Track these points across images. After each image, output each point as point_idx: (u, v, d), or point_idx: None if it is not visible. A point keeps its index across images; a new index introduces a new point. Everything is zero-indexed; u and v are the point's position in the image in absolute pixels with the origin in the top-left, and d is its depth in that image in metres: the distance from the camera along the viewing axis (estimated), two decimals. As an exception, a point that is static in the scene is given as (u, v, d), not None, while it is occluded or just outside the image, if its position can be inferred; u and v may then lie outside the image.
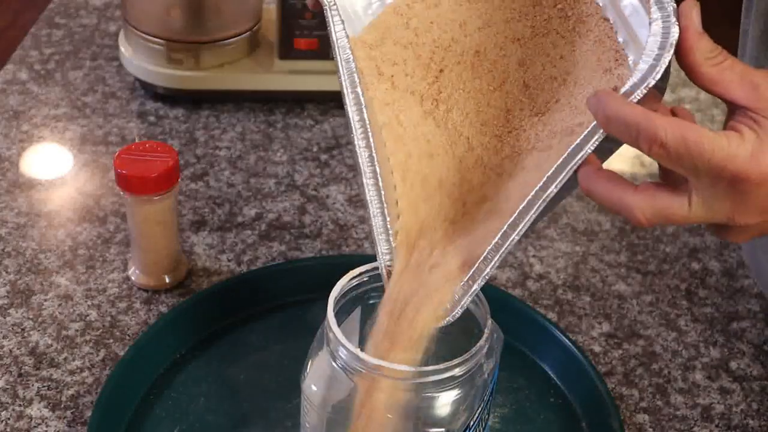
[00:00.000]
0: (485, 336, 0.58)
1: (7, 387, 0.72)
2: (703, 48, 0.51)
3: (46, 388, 0.73)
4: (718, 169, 0.50)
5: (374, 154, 0.58)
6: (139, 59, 1.02)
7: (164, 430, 0.70)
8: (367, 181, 0.58)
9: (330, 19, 0.59)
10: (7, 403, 0.71)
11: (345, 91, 0.59)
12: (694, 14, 0.52)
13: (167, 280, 0.81)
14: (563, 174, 0.53)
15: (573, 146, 0.53)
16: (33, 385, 0.73)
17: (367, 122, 0.58)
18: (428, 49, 0.62)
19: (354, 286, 0.61)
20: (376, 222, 0.58)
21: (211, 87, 1.03)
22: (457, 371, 0.56)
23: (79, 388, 0.73)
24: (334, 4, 0.60)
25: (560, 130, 0.57)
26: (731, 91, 0.52)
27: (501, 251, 0.54)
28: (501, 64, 0.61)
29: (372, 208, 0.58)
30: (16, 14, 2.64)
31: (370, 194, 0.58)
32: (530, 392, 0.74)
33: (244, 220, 0.89)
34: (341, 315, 0.60)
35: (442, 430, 0.57)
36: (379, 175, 0.58)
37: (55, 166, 0.96)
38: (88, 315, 0.79)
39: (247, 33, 1.04)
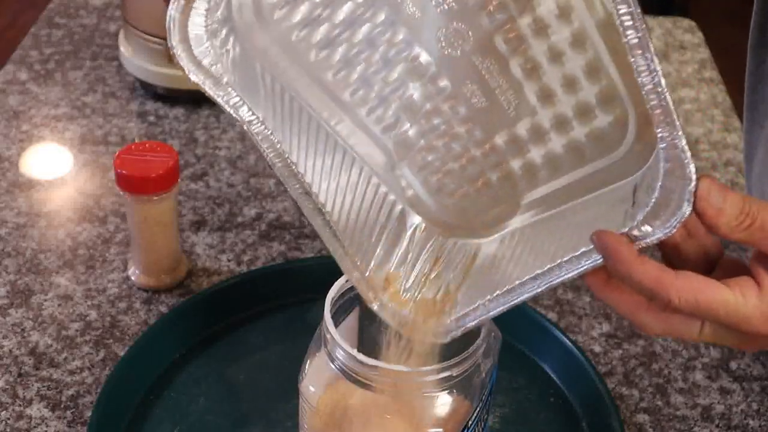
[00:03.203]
0: (482, 336, 0.58)
1: (7, 387, 0.72)
2: (727, 221, 0.49)
3: (46, 388, 0.73)
4: (731, 326, 0.50)
5: (314, 189, 0.58)
6: (139, 59, 1.02)
7: (164, 430, 0.70)
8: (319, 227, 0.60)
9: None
10: (7, 403, 0.71)
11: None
12: (711, 196, 0.48)
13: (167, 280, 0.81)
14: (565, 276, 0.53)
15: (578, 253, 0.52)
16: (33, 385, 0.73)
17: (299, 168, 0.59)
18: None
19: (352, 286, 0.61)
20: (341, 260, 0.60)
21: (212, 87, 1.03)
22: (453, 371, 0.56)
23: (79, 388, 0.73)
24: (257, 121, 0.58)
25: None
26: (763, 247, 0.50)
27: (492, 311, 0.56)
28: None
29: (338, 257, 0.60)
30: (16, 14, 2.64)
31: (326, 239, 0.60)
32: (530, 392, 0.74)
33: (244, 220, 0.89)
34: (339, 315, 0.60)
35: (440, 430, 0.57)
36: (327, 215, 0.59)
37: (55, 166, 0.96)
38: (88, 315, 0.79)
39: (247, 33, 1.04)
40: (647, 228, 0.49)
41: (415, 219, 0.62)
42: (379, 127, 0.60)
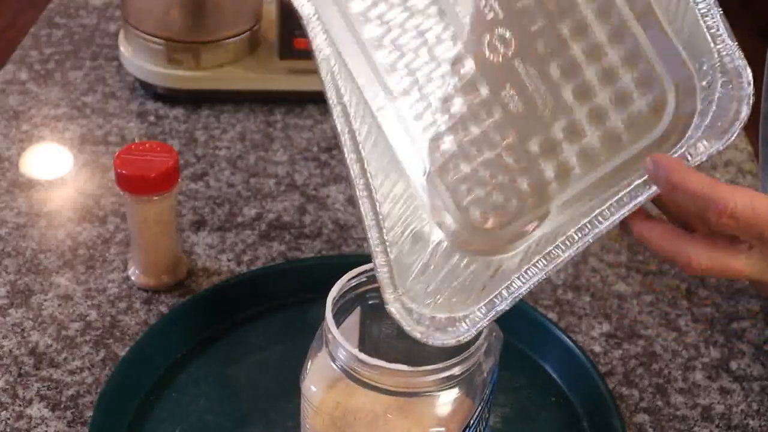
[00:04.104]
0: (483, 335, 0.58)
1: (7, 387, 0.72)
2: None
3: (46, 388, 0.73)
4: None
5: (366, 166, 0.58)
6: (139, 59, 1.02)
7: (165, 430, 0.70)
8: (360, 193, 0.58)
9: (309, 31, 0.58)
10: (7, 403, 0.71)
11: (331, 102, 0.58)
12: None
13: (167, 280, 0.81)
14: (603, 227, 0.54)
15: (616, 198, 0.53)
16: (33, 385, 0.73)
17: (357, 133, 0.58)
18: None
19: (353, 286, 0.61)
20: (372, 235, 0.58)
21: (211, 87, 1.03)
22: (455, 370, 0.56)
23: (79, 388, 0.73)
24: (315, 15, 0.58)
25: None
26: None
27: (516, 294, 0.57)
28: None
29: (367, 221, 0.58)
30: (16, 14, 2.64)
31: (364, 207, 0.58)
32: (531, 392, 0.74)
33: (244, 220, 0.89)
34: (340, 315, 0.60)
35: (442, 429, 0.57)
36: (372, 187, 0.58)
37: (55, 166, 0.96)
38: (88, 315, 0.79)
39: (247, 33, 1.04)
40: (704, 144, 0.51)
41: (439, 234, 0.61)
42: (417, 125, 0.60)
